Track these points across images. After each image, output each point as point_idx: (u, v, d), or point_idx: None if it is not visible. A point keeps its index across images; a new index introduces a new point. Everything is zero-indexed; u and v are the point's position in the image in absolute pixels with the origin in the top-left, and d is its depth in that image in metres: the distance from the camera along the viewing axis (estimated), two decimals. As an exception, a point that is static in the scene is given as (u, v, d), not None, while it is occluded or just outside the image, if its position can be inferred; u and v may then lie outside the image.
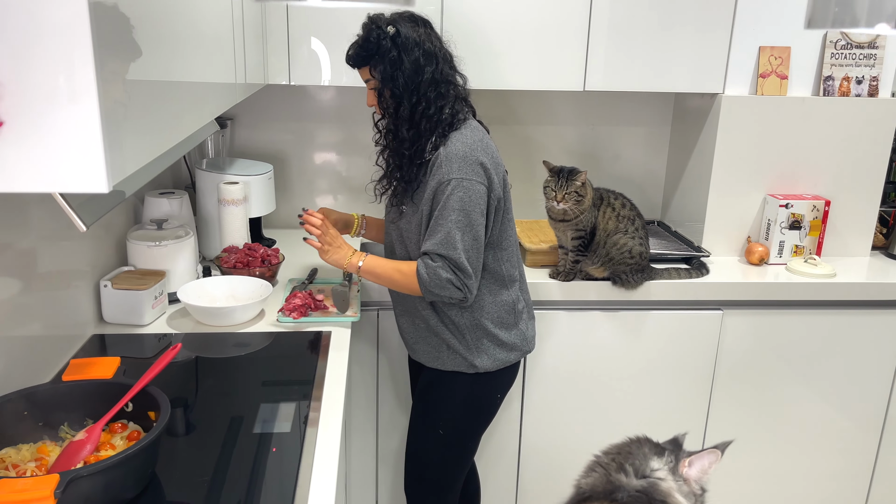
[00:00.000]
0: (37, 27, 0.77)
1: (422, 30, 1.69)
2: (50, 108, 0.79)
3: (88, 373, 1.35)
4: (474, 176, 1.66)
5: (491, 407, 1.91)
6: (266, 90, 2.58)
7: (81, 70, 0.78)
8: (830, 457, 2.47)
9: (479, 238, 1.69)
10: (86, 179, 0.80)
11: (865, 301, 2.33)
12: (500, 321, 1.81)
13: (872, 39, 2.34)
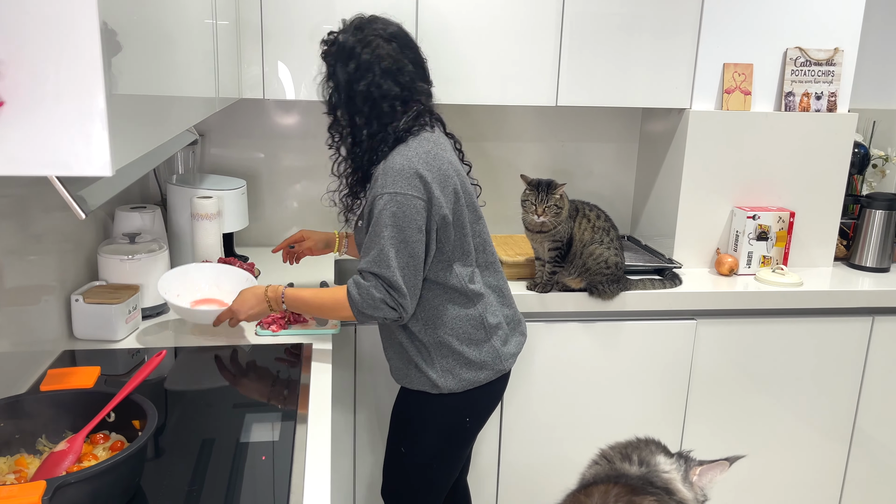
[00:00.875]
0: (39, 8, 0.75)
1: (365, 39, 1.62)
2: (53, 88, 0.76)
3: (67, 383, 1.29)
4: (410, 190, 1.56)
5: (460, 432, 1.78)
6: (237, 107, 2.55)
7: (87, 49, 0.76)
8: (802, 463, 2.51)
9: (415, 255, 1.58)
10: (90, 162, 0.78)
11: (831, 309, 2.39)
12: (468, 337, 1.70)
13: (830, 56, 2.44)
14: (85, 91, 0.77)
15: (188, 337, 1.85)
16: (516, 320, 1.84)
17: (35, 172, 0.77)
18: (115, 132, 0.80)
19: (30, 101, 0.76)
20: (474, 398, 1.74)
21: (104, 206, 2.10)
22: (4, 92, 0.75)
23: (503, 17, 2.27)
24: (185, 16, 1.33)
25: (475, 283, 1.71)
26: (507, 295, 1.82)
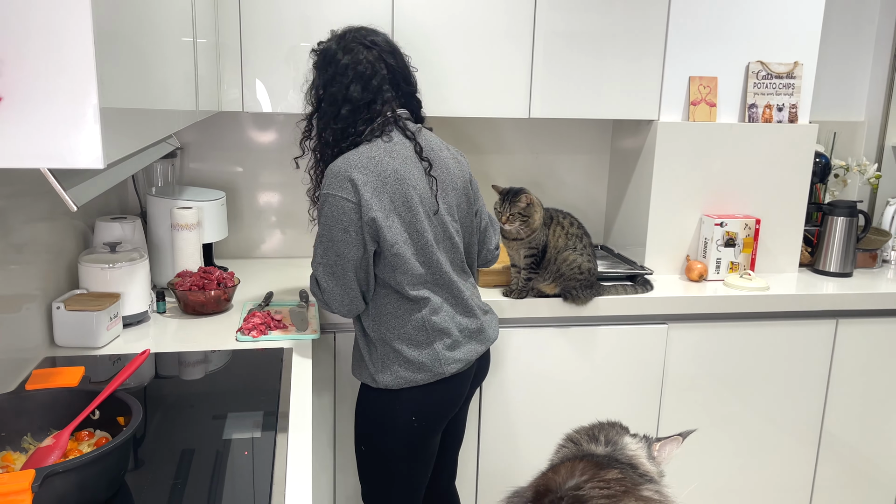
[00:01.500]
0: (36, 6, 0.79)
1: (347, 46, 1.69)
2: (49, 86, 0.81)
3: (52, 382, 1.32)
4: (341, 192, 1.62)
5: (407, 428, 1.77)
6: (215, 122, 2.59)
7: (82, 50, 0.80)
8: (773, 464, 2.58)
9: (342, 254, 1.65)
10: (83, 155, 0.82)
11: (797, 312, 2.47)
12: (409, 338, 1.73)
13: (790, 70, 2.54)
14: (79, 89, 0.81)
15: (170, 343, 1.88)
16: (476, 329, 1.82)
17: (32, 165, 0.81)
18: (107, 128, 0.84)
19: (27, 98, 0.80)
20: (414, 397, 1.75)
21: (84, 218, 2.12)
22: (3, 89, 0.79)
23: (477, 33, 2.34)
24: (168, 29, 1.38)
25: (417, 290, 1.72)
26: (470, 306, 1.81)
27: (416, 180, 1.69)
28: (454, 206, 1.79)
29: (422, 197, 1.69)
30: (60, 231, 1.96)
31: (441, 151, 1.79)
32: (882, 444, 2.63)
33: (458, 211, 1.80)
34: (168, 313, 2.08)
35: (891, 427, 2.63)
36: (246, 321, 1.94)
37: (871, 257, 2.81)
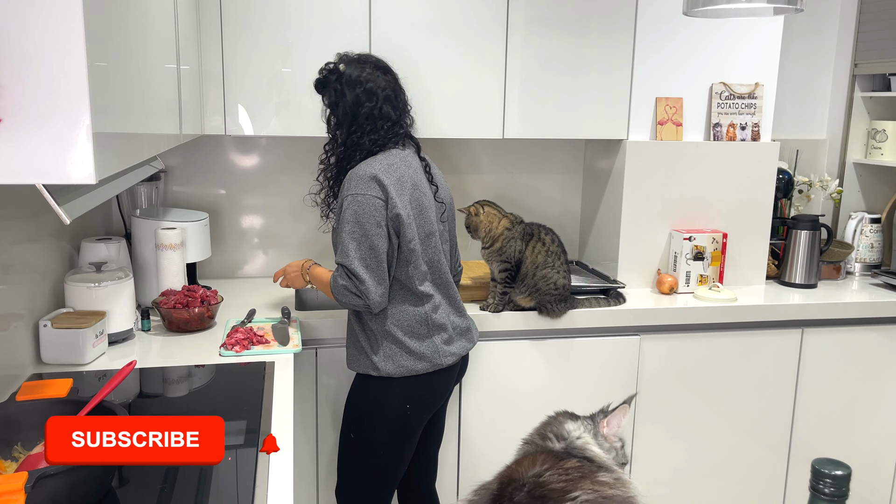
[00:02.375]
0: (33, 35, 0.86)
1: (368, 71, 1.91)
2: (45, 108, 0.88)
3: (42, 393, 1.36)
4: (369, 190, 1.81)
5: (400, 416, 1.92)
6: (198, 145, 2.66)
7: (75, 75, 0.87)
8: (746, 471, 2.65)
9: (375, 247, 1.81)
10: (76, 172, 0.89)
11: (765, 322, 2.56)
12: (411, 331, 1.91)
13: (751, 90, 2.66)
14: (73, 112, 0.88)
15: (154, 358, 1.93)
16: (465, 328, 2.04)
17: (29, 181, 0.87)
18: (99, 147, 0.91)
19: (24, 120, 0.87)
20: (412, 386, 1.92)
21: (70, 239, 2.17)
22: (2, 111, 0.86)
23: (451, 57, 2.43)
24: (154, 56, 1.45)
25: (424, 286, 1.92)
26: (460, 308, 2.05)
27: (424, 186, 1.94)
28: (448, 219, 2.05)
29: (430, 202, 1.94)
30: (47, 252, 2.01)
31: (436, 167, 2.06)
32: (850, 448, 2.71)
33: (450, 221, 2.06)
34: (153, 331, 2.13)
35: (858, 431, 2.71)
36: (229, 337, 1.99)
37: (835, 269, 2.91)
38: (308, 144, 2.74)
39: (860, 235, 2.99)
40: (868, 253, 2.99)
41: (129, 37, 1.18)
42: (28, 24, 0.85)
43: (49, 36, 0.86)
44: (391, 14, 2.38)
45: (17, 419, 1.29)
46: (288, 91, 2.37)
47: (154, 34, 1.47)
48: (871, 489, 2.78)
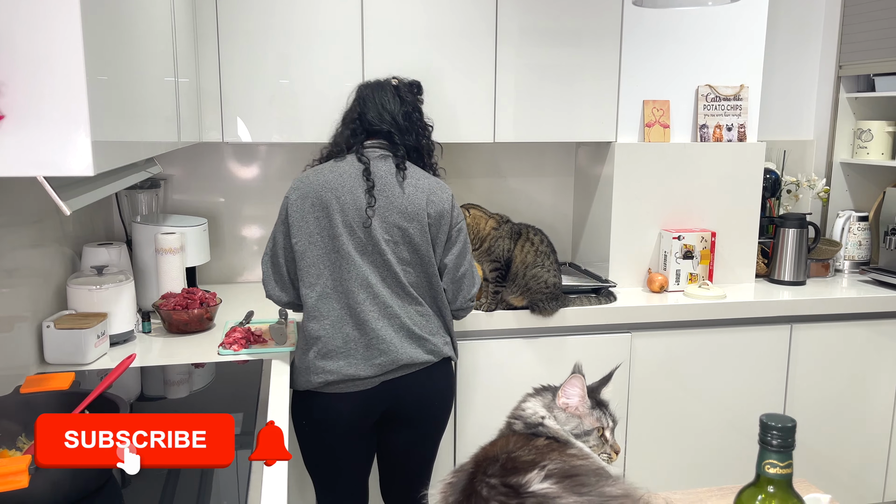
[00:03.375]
0: (34, 37, 0.92)
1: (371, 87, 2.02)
2: (45, 105, 0.93)
3: (45, 386, 1.42)
4: (287, 192, 1.91)
5: (301, 430, 1.94)
6: (198, 154, 2.72)
7: (73, 73, 0.93)
8: (738, 468, 2.68)
9: (277, 242, 1.92)
10: (75, 164, 0.94)
11: (754, 318, 2.61)
12: (299, 345, 1.95)
13: (737, 92, 2.72)
14: (72, 108, 0.94)
15: (154, 357, 1.98)
16: (364, 345, 1.85)
17: (30, 173, 0.93)
18: (97, 141, 0.97)
19: (26, 116, 0.93)
20: (304, 401, 1.92)
21: (72, 245, 2.23)
22: (4, 108, 0.92)
23: (442, 65, 2.49)
24: (152, 64, 1.52)
25: (311, 290, 1.87)
26: (362, 319, 1.85)
27: (345, 193, 1.86)
28: (394, 227, 1.87)
29: (345, 207, 1.85)
30: (49, 257, 2.07)
31: (399, 178, 1.90)
32: (841, 441, 2.75)
33: (401, 233, 1.88)
34: (153, 333, 2.18)
35: (848, 424, 2.75)
36: (227, 336, 2.04)
37: (823, 267, 2.96)
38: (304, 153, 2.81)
39: (848, 233, 3.04)
40: (856, 250, 3.04)
41: (126, 37, 1.24)
42: (30, 26, 0.91)
43: (49, 37, 0.92)
44: (382, 24, 2.44)
45: (21, 410, 1.34)
46: (285, 100, 2.44)
47: (153, 37, 1.54)
48: (862, 482, 2.82)
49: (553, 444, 1.06)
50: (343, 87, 2.19)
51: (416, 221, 1.88)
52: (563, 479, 0.92)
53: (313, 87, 2.44)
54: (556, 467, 0.94)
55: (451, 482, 1.05)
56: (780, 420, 0.76)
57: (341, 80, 2.36)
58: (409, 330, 1.88)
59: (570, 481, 0.91)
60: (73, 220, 2.29)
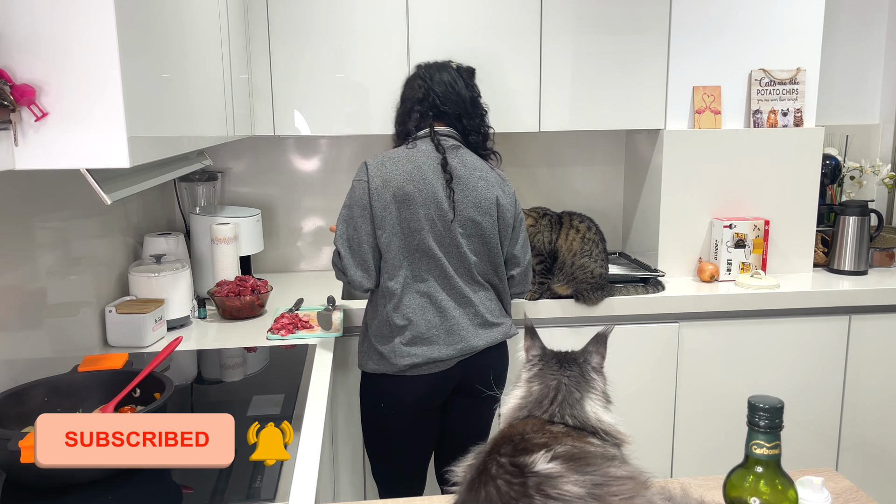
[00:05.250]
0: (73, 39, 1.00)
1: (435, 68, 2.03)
2: (85, 102, 1.01)
3: (101, 365, 1.52)
4: (360, 175, 1.90)
5: (378, 412, 2.00)
6: (252, 145, 2.83)
7: (110, 74, 1.00)
8: (791, 462, 2.61)
9: (358, 228, 1.89)
10: (113, 157, 1.02)
11: (809, 309, 2.53)
12: (378, 333, 1.95)
13: (793, 76, 2.64)
14: (108, 105, 1.01)
15: (209, 342, 2.08)
16: (445, 330, 1.93)
17: (73, 166, 1.01)
18: (133, 136, 1.04)
19: (67, 113, 1.01)
20: (385, 385, 1.96)
21: (134, 235, 2.36)
22: (48, 106, 1.00)
23: (486, 54, 2.51)
24: (198, 61, 1.59)
25: (394, 281, 1.91)
26: (442, 307, 1.93)
27: (426, 186, 1.88)
28: (468, 221, 1.93)
29: (427, 201, 1.88)
30: (113, 246, 2.20)
31: (471, 171, 1.95)
32: (904, 439, 2.64)
33: (474, 226, 1.94)
34: (208, 318, 2.29)
35: (911, 421, 2.64)
36: (276, 322, 2.13)
37: (888, 256, 2.84)
38: (357, 145, 2.89)
39: (916, 221, 2.91)
40: (924, 239, 2.91)
41: (167, 38, 1.31)
42: (69, 29, 0.99)
43: (87, 40, 0.99)
44: (428, 14, 2.48)
45: (79, 388, 1.45)
46: (336, 93, 2.50)
47: (198, 37, 1.62)
48: (928, 481, 2.70)
49: (570, 432, 1.08)
50: (390, 79, 2.25)
51: (488, 215, 1.95)
52: (568, 461, 0.93)
53: (362, 80, 2.50)
54: (564, 450, 0.96)
55: (472, 464, 1.08)
56: (767, 401, 0.76)
57: (388, 73, 2.41)
58: (483, 317, 1.99)
59: (575, 463, 0.93)
60: (136, 211, 2.42)
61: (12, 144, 0.96)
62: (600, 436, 1.18)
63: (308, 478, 1.28)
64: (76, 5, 0.98)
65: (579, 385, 1.28)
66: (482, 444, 1.12)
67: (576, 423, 1.18)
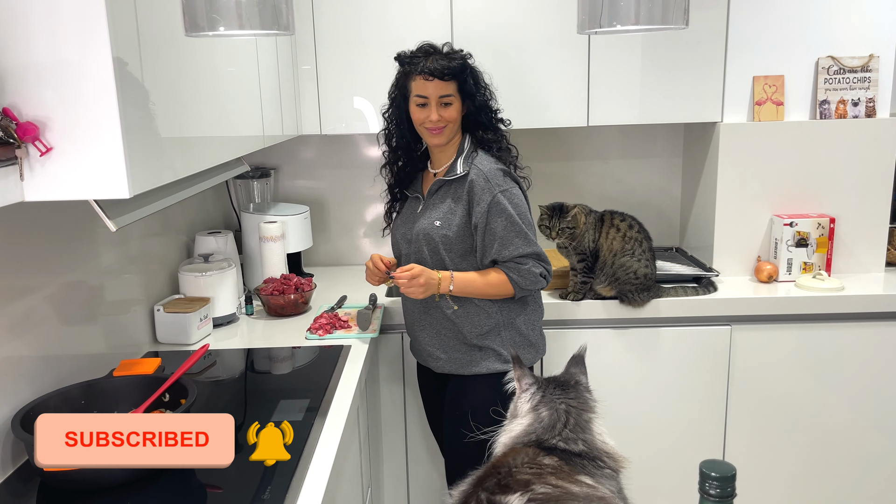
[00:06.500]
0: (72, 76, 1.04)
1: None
2: (86, 137, 1.05)
3: (135, 370, 1.60)
4: (511, 185, 1.92)
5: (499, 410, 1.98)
6: (304, 142, 2.88)
7: (108, 110, 1.04)
8: (855, 466, 2.48)
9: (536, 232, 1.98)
10: (114, 188, 1.06)
11: (877, 313, 2.38)
12: (530, 323, 2.01)
13: (864, 63, 2.46)
14: (108, 139, 1.06)
15: (250, 340, 2.15)
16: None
17: (74, 197, 1.06)
18: (132, 169, 1.08)
19: (70, 147, 1.05)
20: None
21: (188, 233, 2.46)
22: (53, 140, 1.05)
23: (532, 47, 2.46)
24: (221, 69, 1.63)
25: None
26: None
27: None
28: None
29: None
30: (167, 244, 2.30)
31: None
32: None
33: None
34: (255, 315, 2.37)
35: None
36: (315, 321, 2.18)
37: (972, 255, 2.63)
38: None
39: None
40: None
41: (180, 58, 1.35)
42: (69, 66, 1.03)
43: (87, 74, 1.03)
44: (473, 11, 2.44)
45: (114, 391, 1.53)
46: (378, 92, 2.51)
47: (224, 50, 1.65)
48: None
49: (562, 467, 1.06)
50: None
51: None
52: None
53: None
54: (544, 492, 0.94)
55: (463, 489, 1.08)
56: (719, 469, 0.72)
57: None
58: None
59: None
60: (192, 209, 2.52)
61: (18, 178, 1.02)
62: (602, 460, 1.16)
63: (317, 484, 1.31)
64: (76, 43, 1.03)
65: (586, 406, 1.25)
66: (480, 469, 1.13)
67: (584, 447, 1.16)
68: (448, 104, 1.90)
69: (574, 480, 1.03)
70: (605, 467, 1.12)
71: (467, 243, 1.94)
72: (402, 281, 1.87)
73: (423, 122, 1.91)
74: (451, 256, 1.95)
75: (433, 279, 1.89)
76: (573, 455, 1.10)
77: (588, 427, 1.19)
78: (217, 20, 0.92)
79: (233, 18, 0.91)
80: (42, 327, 1.53)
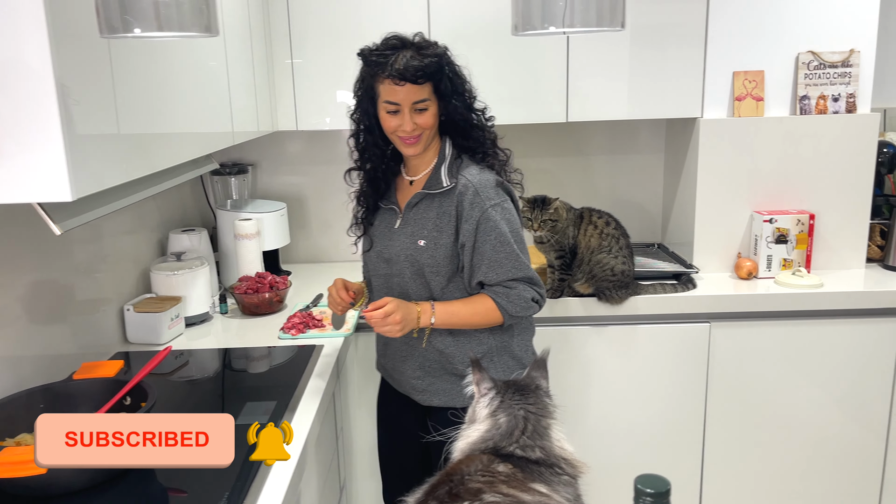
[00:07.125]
0: (14, 78, 1.01)
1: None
2: (28, 138, 1.03)
3: (95, 373, 1.58)
4: (503, 198, 1.69)
5: None
6: (285, 138, 2.85)
7: (48, 111, 1.02)
8: (834, 462, 2.47)
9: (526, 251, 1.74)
10: (56, 191, 1.03)
11: (857, 310, 2.37)
12: (522, 340, 1.82)
13: (845, 58, 2.43)
14: (50, 142, 1.03)
15: (223, 339, 2.13)
16: None
17: (16, 200, 1.03)
18: (74, 172, 1.05)
19: (13, 150, 1.03)
20: None
21: (161, 229, 2.43)
22: (-7, 143, 1.02)
23: (508, 41, 2.42)
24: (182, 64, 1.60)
25: None
26: None
27: None
28: None
29: None
30: (140, 242, 2.27)
31: None
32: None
33: None
34: (230, 314, 2.34)
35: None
36: (288, 320, 2.15)
37: (952, 251, 2.61)
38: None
39: None
40: None
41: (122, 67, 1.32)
42: (10, 69, 1.00)
43: (25, 74, 1.00)
44: (448, 8, 2.41)
45: (73, 394, 1.50)
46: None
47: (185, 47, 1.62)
48: None
49: (516, 475, 1.04)
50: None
51: None
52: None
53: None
54: (493, 501, 0.92)
55: (417, 497, 1.06)
56: (653, 485, 0.70)
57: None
58: None
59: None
60: (167, 206, 2.48)
61: (-41, 183, 0.99)
62: (560, 467, 1.14)
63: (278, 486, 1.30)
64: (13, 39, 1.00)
65: (545, 412, 1.23)
66: (434, 476, 1.11)
67: (541, 454, 1.14)
68: (423, 110, 1.64)
69: (527, 489, 1.01)
70: (562, 474, 1.10)
71: (455, 264, 1.72)
72: (375, 320, 1.63)
73: (396, 131, 1.67)
74: (438, 280, 1.72)
75: (411, 314, 1.65)
76: (530, 462, 1.08)
77: (546, 433, 1.17)
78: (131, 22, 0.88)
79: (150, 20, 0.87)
80: (7, 328, 1.51)
